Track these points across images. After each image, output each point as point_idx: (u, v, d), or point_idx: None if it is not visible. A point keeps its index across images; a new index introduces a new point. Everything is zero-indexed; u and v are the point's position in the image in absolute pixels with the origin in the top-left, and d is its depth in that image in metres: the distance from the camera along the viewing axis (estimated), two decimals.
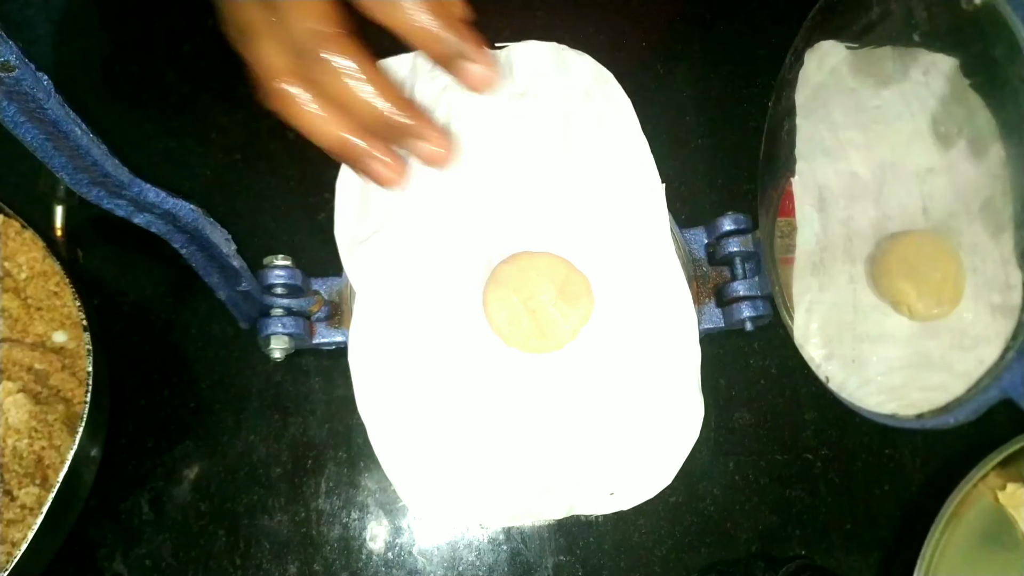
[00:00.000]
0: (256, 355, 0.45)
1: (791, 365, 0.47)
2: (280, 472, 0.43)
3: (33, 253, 0.43)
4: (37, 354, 0.40)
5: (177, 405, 0.44)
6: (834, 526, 0.45)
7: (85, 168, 0.29)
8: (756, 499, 0.45)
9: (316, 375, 0.45)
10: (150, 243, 0.47)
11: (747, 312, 0.43)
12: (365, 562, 0.43)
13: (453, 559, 0.43)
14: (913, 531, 0.42)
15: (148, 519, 0.42)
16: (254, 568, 0.42)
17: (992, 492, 0.43)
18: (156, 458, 0.43)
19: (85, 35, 0.50)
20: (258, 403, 0.44)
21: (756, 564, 0.43)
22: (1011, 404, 0.48)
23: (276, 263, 0.40)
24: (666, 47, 0.52)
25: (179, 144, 0.48)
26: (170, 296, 0.46)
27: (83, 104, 0.52)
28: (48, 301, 0.42)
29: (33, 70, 0.25)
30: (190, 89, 0.49)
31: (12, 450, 0.38)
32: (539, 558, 0.43)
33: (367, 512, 0.43)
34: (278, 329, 0.40)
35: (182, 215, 0.32)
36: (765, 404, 0.46)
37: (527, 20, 0.52)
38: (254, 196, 0.48)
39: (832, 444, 0.46)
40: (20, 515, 0.38)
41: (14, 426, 0.38)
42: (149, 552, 0.42)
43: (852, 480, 0.45)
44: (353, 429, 0.44)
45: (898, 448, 0.46)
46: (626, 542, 0.44)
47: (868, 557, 0.44)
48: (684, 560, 0.44)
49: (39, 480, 0.38)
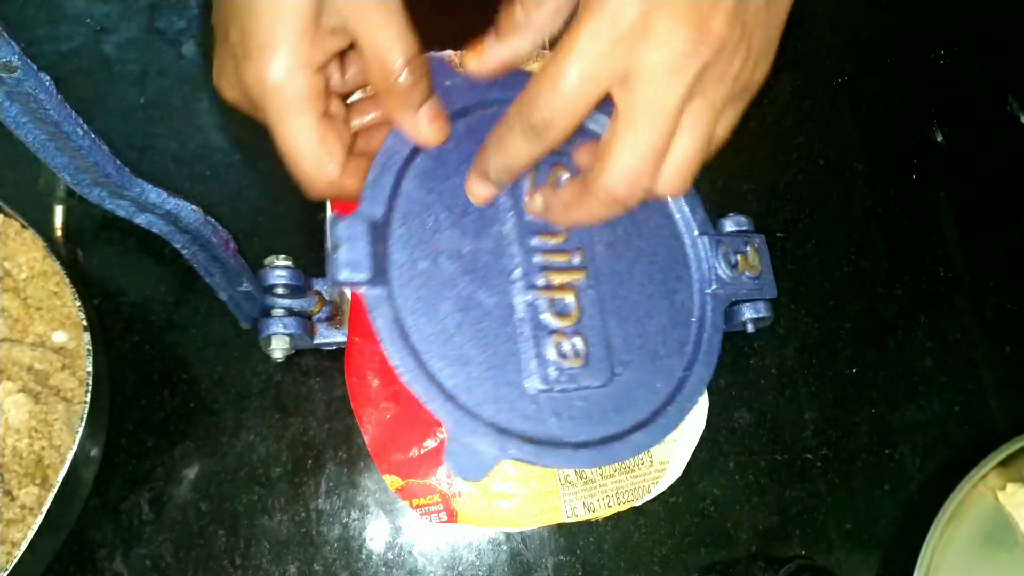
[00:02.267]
0: (256, 355, 0.45)
1: (791, 365, 0.47)
2: (280, 472, 0.43)
3: (33, 253, 0.43)
4: (37, 354, 0.40)
5: (177, 405, 0.44)
6: (834, 526, 0.45)
7: (87, 169, 0.29)
8: (756, 499, 0.45)
9: (316, 375, 0.45)
10: (150, 243, 0.47)
11: (748, 314, 0.43)
12: (365, 562, 0.43)
13: (453, 559, 0.43)
14: (913, 531, 0.42)
15: (148, 519, 0.42)
16: (254, 568, 0.42)
17: (992, 492, 0.43)
18: (156, 458, 0.43)
19: (85, 35, 0.50)
20: (258, 403, 0.44)
21: (756, 564, 0.44)
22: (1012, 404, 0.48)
23: (277, 263, 0.41)
24: None
25: (179, 144, 0.48)
26: (170, 296, 0.46)
27: (83, 104, 0.52)
28: (48, 301, 0.42)
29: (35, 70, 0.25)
30: (190, 89, 0.49)
31: (12, 450, 0.38)
32: (539, 558, 0.43)
33: (367, 512, 0.43)
34: (279, 329, 0.40)
35: (184, 215, 0.32)
36: (765, 404, 0.46)
37: None
38: (254, 196, 0.48)
39: (832, 444, 0.46)
40: (20, 515, 0.38)
41: (14, 426, 0.38)
42: (149, 552, 0.42)
43: (852, 480, 0.46)
44: (353, 429, 0.44)
45: (898, 448, 0.46)
46: (626, 542, 0.44)
47: (868, 557, 0.44)
48: (684, 560, 0.44)
49: (39, 480, 0.38)
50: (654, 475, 0.43)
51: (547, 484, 0.42)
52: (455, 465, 0.36)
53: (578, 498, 0.42)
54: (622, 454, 0.38)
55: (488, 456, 0.36)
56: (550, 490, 0.42)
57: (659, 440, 0.39)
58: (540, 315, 0.38)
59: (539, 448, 0.37)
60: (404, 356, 0.36)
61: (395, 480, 0.41)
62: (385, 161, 0.38)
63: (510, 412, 0.37)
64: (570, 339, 0.39)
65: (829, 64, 0.56)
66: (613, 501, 0.42)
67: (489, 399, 0.37)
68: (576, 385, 0.38)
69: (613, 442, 0.38)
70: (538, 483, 0.42)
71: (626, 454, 0.38)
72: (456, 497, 0.41)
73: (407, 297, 0.37)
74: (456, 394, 0.36)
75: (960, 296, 0.50)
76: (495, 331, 0.38)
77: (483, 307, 0.38)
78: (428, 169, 0.38)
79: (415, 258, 0.37)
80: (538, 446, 0.37)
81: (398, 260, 0.37)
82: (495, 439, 0.36)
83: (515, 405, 0.37)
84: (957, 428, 0.47)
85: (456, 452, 0.36)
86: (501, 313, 0.38)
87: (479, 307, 0.38)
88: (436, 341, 0.37)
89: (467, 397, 0.37)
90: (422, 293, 0.37)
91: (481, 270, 0.38)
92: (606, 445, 0.38)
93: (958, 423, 0.47)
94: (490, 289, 0.38)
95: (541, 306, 0.39)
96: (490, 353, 0.37)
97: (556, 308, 0.39)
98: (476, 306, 0.38)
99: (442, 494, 0.41)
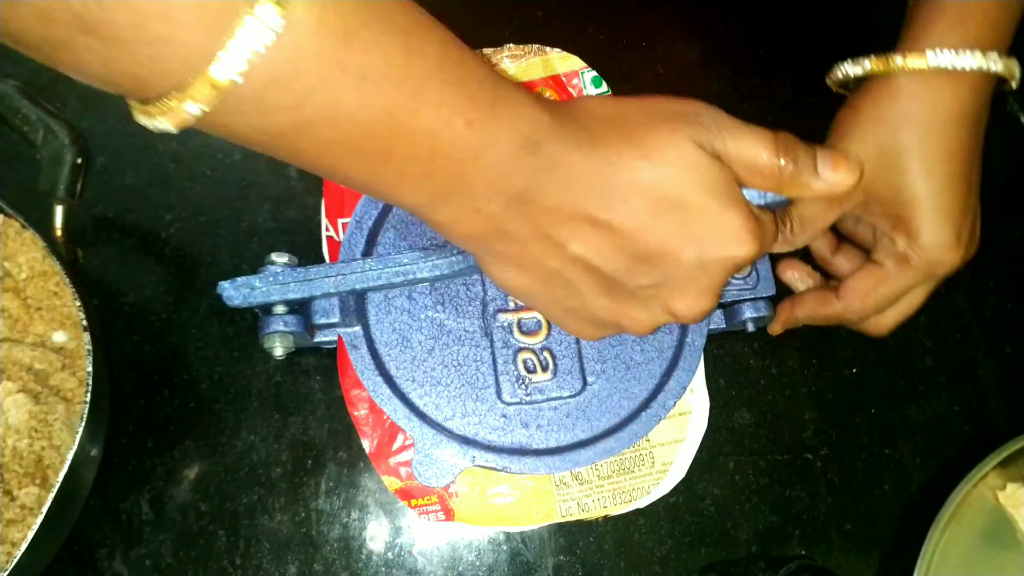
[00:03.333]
0: (256, 355, 0.45)
1: (791, 365, 0.47)
2: (280, 472, 0.43)
3: (33, 253, 0.43)
4: (37, 354, 0.40)
5: (177, 405, 0.44)
6: (834, 526, 0.45)
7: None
8: (756, 499, 0.45)
9: (316, 375, 0.45)
10: (150, 243, 0.47)
11: (749, 313, 0.43)
12: (365, 562, 0.43)
13: (453, 559, 0.43)
14: (913, 531, 0.42)
15: (148, 519, 0.42)
16: (254, 568, 0.42)
17: (992, 492, 0.43)
18: (156, 458, 0.43)
19: None
20: (258, 403, 0.44)
21: (756, 564, 0.43)
22: (1012, 404, 0.48)
23: (277, 260, 0.41)
24: (666, 47, 0.52)
25: (179, 144, 0.48)
26: (170, 296, 0.46)
27: (83, 103, 0.52)
28: (48, 301, 0.42)
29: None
30: None
31: (12, 450, 0.38)
32: (539, 558, 0.43)
33: (367, 512, 0.43)
34: (280, 327, 0.40)
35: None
36: (765, 404, 0.46)
37: (527, 20, 0.52)
38: (253, 196, 0.48)
39: (832, 444, 0.46)
40: (20, 515, 0.37)
41: (14, 426, 0.38)
42: (149, 552, 0.42)
43: (852, 480, 0.45)
44: (353, 429, 0.44)
45: (898, 448, 0.46)
46: (626, 542, 0.44)
47: (868, 557, 0.44)
48: (684, 560, 0.44)
49: (39, 480, 0.38)
50: (655, 476, 0.43)
51: (542, 485, 0.42)
52: (420, 475, 0.40)
53: (572, 499, 0.42)
54: (586, 459, 0.41)
55: (454, 466, 0.40)
56: (545, 491, 0.42)
57: (628, 445, 0.41)
58: (509, 336, 0.42)
59: (502, 456, 0.40)
60: (377, 383, 0.40)
61: (394, 481, 0.42)
62: (359, 219, 0.43)
63: (478, 425, 0.41)
64: (539, 355, 0.42)
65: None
66: (609, 502, 0.42)
67: (458, 414, 0.41)
68: (545, 396, 0.41)
69: (580, 448, 0.41)
70: (533, 484, 0.42)
71: (591, 459, 0.41)
72: (453, 497, 0.42)
73: (383, 330, 0.41)
74: (426, 412, 0.41)
75: (960, 296, 0.50)
76: (465, 353, 0.42)
77: (453, 333, 0.42)
78: (404, 220, 0.43)
79: (391, 296, 0.42)
80: (502, 453, 0.40)
81: (375, 299, 0.42)
82: (459, 449, 0.40)
83: (484, 419, 0.41)
84: (957, 428, 0.47)
85: (422, 463, 0.40)
86: (470, 336, 0.42)
87: (449, 333, 0.42)
88: (407, 367, 0.41)
89: (436, 414, 0.41)
90: (397, 325, 0.41)
91: (452, 299, 0.42)
92: (572, 451, 0.41)
93: (958, 423, 0.47)
94: (460, 315, 0.42)
95: (508, 326, 0.42)
96: (460, 372, 0.41)
97: (523, 328, 0.42)
98: (447, 333, 0.42)
99: (439, 494, 0.42)
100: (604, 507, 0.42)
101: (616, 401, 0.42)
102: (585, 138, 0.29)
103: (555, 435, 0.41)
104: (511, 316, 0.42)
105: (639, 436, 0.41)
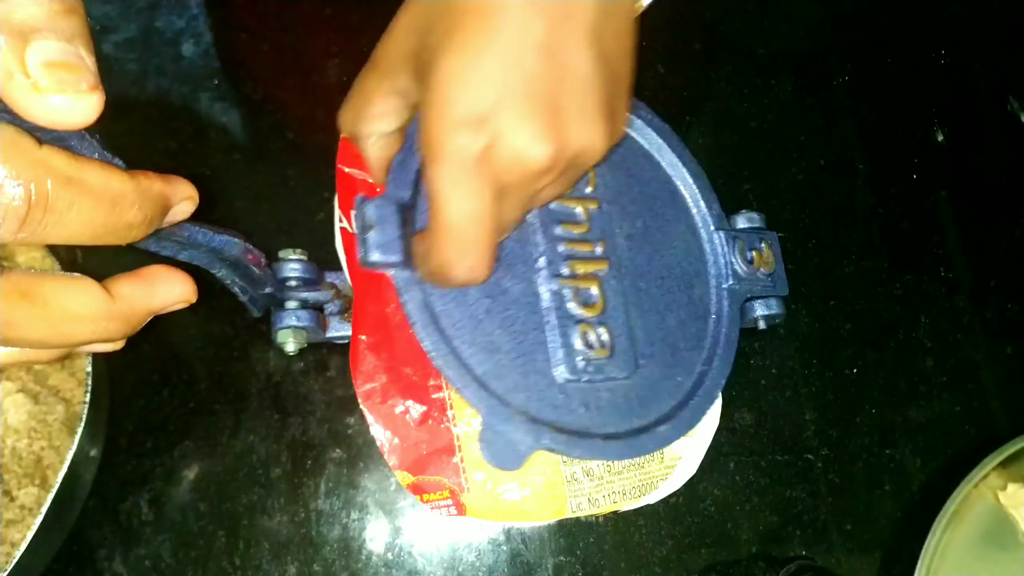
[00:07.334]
0: (256, 355, 0.45)
1: (791, 365, 0.47)
2: (280, 472, 0.43)
3: (33, 253, 0.42)
4: None
5: (177, 405, 0.44)
6: (834, 526, 0.45)
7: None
8: (756, 499, 0.45)
9: (316, 375, 0.45)
10: None
11: (761, 310, 0.43)
12: (365, 562, 0.43)
13: (453, 559, 0.43)
14: (913, 531, 0.42)
15: (147, 519, 0.42)
16: (253, 568, 0.42)
17: (992, 492, 0.43)
18: (156, 458, 0.43)
19: None
20: (258, 403, 0.44)
21: (756, 564, 0.43)
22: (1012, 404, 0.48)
23: (292, 256, 0.40)
24: (666, 47, 0.52)
25: (179, 144, 0.48)
26: None
27: None
28: None
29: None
30: (190, 89, 0.49)
31: (11, 450, 0.38)
32: (539, 558, 0.43)
33: (367, 512, 0.43)
34: (292, 322, 0.39)
35: (227, 249, 0.32)
36: (765, 404, 0.46)
37: None
38: (253, 196, 0.48)
39: (832, 444, 0.46)
40: (19, 515, 0.37)
41: (13, 426, 0.38)
42: (149, 552, 0.42)
43: (852, 480, 0.45)
44: (353, 429, 0.44)
45: (898, 448, 0.46)
46: (626, 542, 0.44)
47: (868, 557, 0.44)
48: (684, 560, 0.44)
49: (38, 480, 0.38)
50: (663, 472, 0.43)
51: (553, 479, 0.42)
52: (490, 454, 0.35)
53: (583, 494, 0.42)
54: (649, 446, 0.38)
55: (523, 445, 0.35)
56: (556, 485, 0.42)
57: (683, 434, 0.39)
58: (566, 304, 0.38)
59: (570, 438, 0.36)
60: (436, 340, 0.35)
61: (406, 476, 0.41)
62: (411, 144, 0.36)
63: (540, 401, 0.36)
64: (596, 329, 0.38)
65: (829, 64, 0.56)
66: (619, 497, 0.42)
67: (519, 387, 0.36)
68: (603, 376, 0.38)
69: (640, 434, 0.38)
70: (544, 479, 0.42)
71: (653, 446, 0.38)
72: (465, 492, 0.41)
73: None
74: (487, 381, 0.36)
75: (960, 296, 0.50)
76: (523, 319, 0.37)
77: (510, 294, 0.37)
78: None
79: None
80: (569, 436, 0.36)
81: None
82: (529, 428, 0.35)
83: (544, 394, 0.37)
84: (957, 428, 0.47)
85: (491, 440, 0.35)
86: (528, 301, 0.38)
87: (506, 294, 0.37)
88: (465, 327, 0.36)
89: (498, 384, 0.36)
90: None
91: (507, 257, 0.38)
92: (634, 437, 0.38)
93: (958, 423, 0.47)
94: (516, 277, 0.38)
95: (567, 295, 0.38)
96: (518, 341, 0.37)
97: (581, 297, 0.38)
98: (503, 293, 0.37)
99: (451, 489, 0.41)
100: (614, 502, 0.42)
101: (665, 388, 0.40)
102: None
103: (612, 419, 0.38)
104: (570, 284, 0.39)
105: (692, 424, 0.39)
